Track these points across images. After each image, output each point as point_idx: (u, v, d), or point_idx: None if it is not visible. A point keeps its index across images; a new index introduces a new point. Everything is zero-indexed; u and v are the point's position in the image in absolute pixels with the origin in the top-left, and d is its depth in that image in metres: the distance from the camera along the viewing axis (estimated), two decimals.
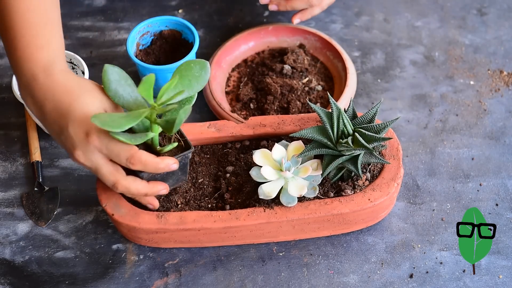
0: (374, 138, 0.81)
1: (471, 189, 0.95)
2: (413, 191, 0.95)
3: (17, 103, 1.03)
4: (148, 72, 1.02)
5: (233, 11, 1.20)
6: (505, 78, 1.09)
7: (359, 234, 0.90)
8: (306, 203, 0.84)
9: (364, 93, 1.07)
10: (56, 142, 0.79)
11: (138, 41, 1.06)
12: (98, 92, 0.77)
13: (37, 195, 0.96)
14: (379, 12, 1.20)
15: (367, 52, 1.13)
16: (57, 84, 0.76)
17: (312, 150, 0.83)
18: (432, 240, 0.90)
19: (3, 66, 1.13)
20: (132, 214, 0.84)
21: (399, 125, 1.02)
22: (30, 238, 0.92)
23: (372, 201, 0.84)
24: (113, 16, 1.19)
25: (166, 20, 1.06)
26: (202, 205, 0.86)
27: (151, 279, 0.87)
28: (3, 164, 1.00)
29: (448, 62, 1.12)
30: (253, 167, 0.86)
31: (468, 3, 1.21)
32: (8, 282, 0.87)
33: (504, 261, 0.87)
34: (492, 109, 1.04)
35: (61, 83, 0.77)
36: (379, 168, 0.87)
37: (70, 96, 0.75)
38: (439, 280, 0.86)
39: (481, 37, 1.15)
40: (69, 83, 0.77)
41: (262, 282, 0.86)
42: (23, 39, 0.78)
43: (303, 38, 1.10)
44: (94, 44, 1.15)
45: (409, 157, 0.99)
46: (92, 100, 0.76)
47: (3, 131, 1.04)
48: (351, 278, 0.86)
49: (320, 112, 0.82)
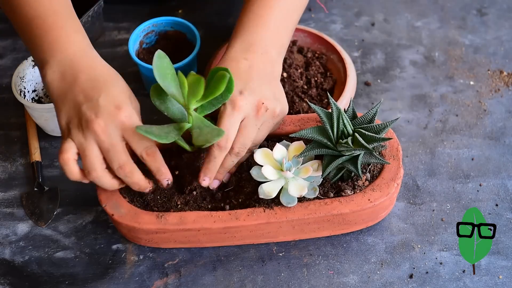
0: (374, 139, 0.81)
1: (471, 189, 0.95)
2: (413, 191, 0.95)
3: (17, 103, 1.03)
4: (149, 72, 1.02)
5: (233, 11, 1.20)
6: (505, 79, 1.09)
7: (359, 234, 0.90)
8: (306, 203, 0.84)
9: (364, 93, 1.07)
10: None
11: (142, 40, 1.06)
12: (126, 83, 0.83)
13: (37, 195, 0.96)
14: (379, 12, 1.20)
15: (367, 52, 1.13)
16: (97, 63, 0.83)
17: (312, 150, 0.83)
18: (432, 240, 0.90)
19: (3, 67, 1.13)
20: (132, 214, 0.84)
21: (399, 125, 1.02)
22: (30, 238, 0.92)
23: (372, 201, 0.84)
24: (113, 16, 1.19)
25: (172, 21, 1.07)
26: (202, 205, 0.86)
27: (151, 279, 0.87)
28: (3, 164, 1.00)
29: (448, 62, 1.12)
30: (253, 166, 0.86)
31: (468, 3, 1.21)
32: (8, 282, 0.87)
33: (504, 262, 0.87)
34: (492, 109, 1.04)
35: (100, 64, 0.83)
36: (379, 169, 0.87)
37: (108, 76, 0.82)
38: (439, 280, 0.86)
39: (481, 37, 1.15)
40: (107, 67, 0.83)
41: (262, 282, 0.86)
42: (55, 24, 0.83)
43: (303, 38, 1.10)
44: (94, 44, 1.14)
45: (409, 158, 0.99)
46: (125, 86, 0.82)
47: (3, 131, 1.04)
48: (351, 279, 0.86)
49: (320, 112, 0.82)
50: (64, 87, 0.81)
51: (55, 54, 0.82)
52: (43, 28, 0.83)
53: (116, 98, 0.79)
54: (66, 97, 0.80)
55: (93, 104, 0.78)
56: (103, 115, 0.78)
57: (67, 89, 0.80)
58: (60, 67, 0.81)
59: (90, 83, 0.80)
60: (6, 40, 1.16)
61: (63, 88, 0.81)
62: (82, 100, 0.79)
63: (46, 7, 0.84)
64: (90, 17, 1.10)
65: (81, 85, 0.80)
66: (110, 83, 0.81)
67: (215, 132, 0.77)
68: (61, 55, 0.82)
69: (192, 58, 1.01)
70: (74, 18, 0.86)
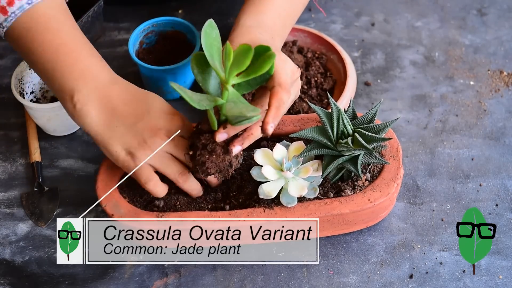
0: (374, 139, 0.81)
1: (471, 189, 0.95)
2: (413, 191, 0.95)
3: (17, 103, 1.03)
4: (149, 72, 1.02)
5: (233, 11, 1.20)
6: (505, 79, 1.09)
7: (359, 234, 0.90)
8: (306, 204, 0.84)
9: (364, 93, 1.07)
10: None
11: (142, 40, 1.06)
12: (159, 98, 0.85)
13: (37, 195, 0.96)
14: (379, 12, 1.20)
15: (367, 53, 1.13)
16: (132, 87, 0.84)
17: (312, 151, 0.83)
18: (432, 240, 0.90)
19: (3, 67, 1.13)
20: (132, 214, 0.84)
21: (399, 125, 1.02)
22: (30, 238, 0.92)
23: (372, 201, 0.84)
24: (113, 17, 1.19)
25: (172, 21, 1.07)
26: (202, 205, 0.86)
27: (150, 280, 0.87)
28: (3, 165, 1.00)
29: (448, 62, 1.12)
30: (253, 166, 0.86)
31: (468, 3, 1.21)
32: (8, 283, 0.87)
33: (504, 262, 0.87)
34: (492, 109, 1.04)
35: (134, 87, 0.84)
36: (379, 169, 0.87)
37: (139, 91, 0.84)
38: (439, 280, 0.86)
39: (481, 37, 1.15)
40: (140, 89, 0.85)
41: (262, 282, 0.86)
42: (81, 54, 0.82)
43: (303, 38, 1.10)
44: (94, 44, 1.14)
45: (409, 158, 0.99)
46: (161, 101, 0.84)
47: (3, 131, 1.04)
48: (351, 279, 0.86)
49: (320, 112, 0.82)
50: (106, 114, 0.81)
51: (85, 84, 0.81)
52: (69, 58, 0.82)
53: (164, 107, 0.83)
54: (111, 124, 0.80)
55: (147, 119, 0.81)
56: (163, 123, 0.81)
57: (110, 116, 0.81)
58: (97, 94, 0.81)
59: (134, 104, 0.82)
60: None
61: (105, 114, 0.81)
62: (133, 121, 0.80)
63: (69, 34, 0.83)
64: (90, 17, 1.10)
65: (125, 108, 0.81)
66: (146, 97, 0.83)
67: (250, 107, 0.75)
68: (92, 85, 0.81)
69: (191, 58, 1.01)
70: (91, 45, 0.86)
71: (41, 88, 1.04)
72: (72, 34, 0.83)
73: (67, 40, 0.82)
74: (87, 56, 0.83)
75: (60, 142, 1.02)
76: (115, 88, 0.82)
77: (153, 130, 0.80)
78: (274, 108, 0.76)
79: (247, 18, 0.86)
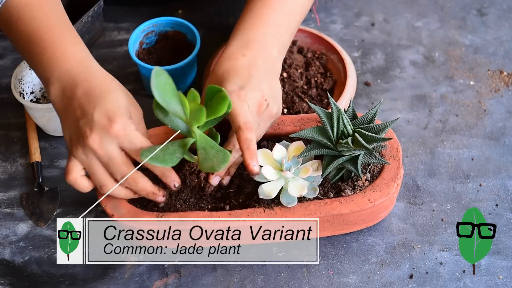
0: (374, 139, 0.81)
1: (471, 189, 0.95)
2: (413, 191, 0.95)
3: (17, 103, 1.03)
4: (149, 73, 1.02)
5: (233, 11, 1.20)
6: (505, 79, 1.09)
7: (359, 234, 0.90)
8: (306, 204, 0.84)
9: (364, 94, 1.07)
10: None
11: (142, 40, 1.06)
12: (125, 91, 0.82)
13: (37, 195, 0.96)
14: (379, 12, 1.20)
15: (367, 53, 1.13)
16: (95, 75, 0.81)
17: (312, 151, 0.83)
18: (432, 240, 0.90)
19: (3, 67, 1.13)
20: (132, 215, 0.84)
21: (399, 125, 1.02)
22: (30, 238, 0.92)
23: (372, 201, 0.84)
24: (113, 17, 1.19)
25: (172, 21, 1.07)
26: (202, 206, 0.86)
27: (151, 280, 0.87)
28: (3, 165, 1.00)
29: (448, 62, 1.12)
30: None
31: (468, 4, 1.21)
32: (8, 283, 0.87)
33: (504, 262, 0.87)
34: (492, 109, 1.04)
35: (98, 76, 0.82)
36: (379, 169, 0.87)
37: (104, 87, 0.80)
38: (439, 280, 0.86)
39: (481, 37, 1.15)
40: (104, 77, 0.82)
41: (262, 282, 0.86)
42: (51, 39, 0.82)
43: (303, 38, 1.10)
44: (94, 44, 1.15)
45: (409, 158, 0.99)
46: (121, 95, 0.81)
47: (3, 131, 1.04)
48: (351, 279, 0.86)
49: (320, 112, 0.82)
50: (64, 103, 0.81)
51: (54, 70, 0.81)
52: (40, 45, 0.82)
53: (110, 110, 0.78)
54: (67, 114, 0.80)
55: (88, 119, 0.78)
56: (97, 130, 0.77)
57: (67, 105, 0.80)
58: (60, 83, 0.81)
59: (86, 97, 0.79)
60: (6, 40, 1.16)
61: (64, 105, 0.81)
62: (79, 115, 0.79)
63: (41, 21, 0.83)
64: (90, 17, 1.10)
65: (78, 100, 0.79)
66: (105, 94, 0.79)
67: (220, 156, 0.77)
68: (59, 71, 0.81)
69: (192, 58, 1.01)
70: (70, 30, 0.85)
71: (41, 88, 1.04)
72: (43, 21, 0.83)
73: (36, 27, 0.83)
74: (53, 42, 0.82)
75: (60, 142, 1.02)
76: (78, 76, 0.81)
77: (85, 135, 0.78)
78: (245, 150, 0.78)
79: (236, 40, 0.87)
